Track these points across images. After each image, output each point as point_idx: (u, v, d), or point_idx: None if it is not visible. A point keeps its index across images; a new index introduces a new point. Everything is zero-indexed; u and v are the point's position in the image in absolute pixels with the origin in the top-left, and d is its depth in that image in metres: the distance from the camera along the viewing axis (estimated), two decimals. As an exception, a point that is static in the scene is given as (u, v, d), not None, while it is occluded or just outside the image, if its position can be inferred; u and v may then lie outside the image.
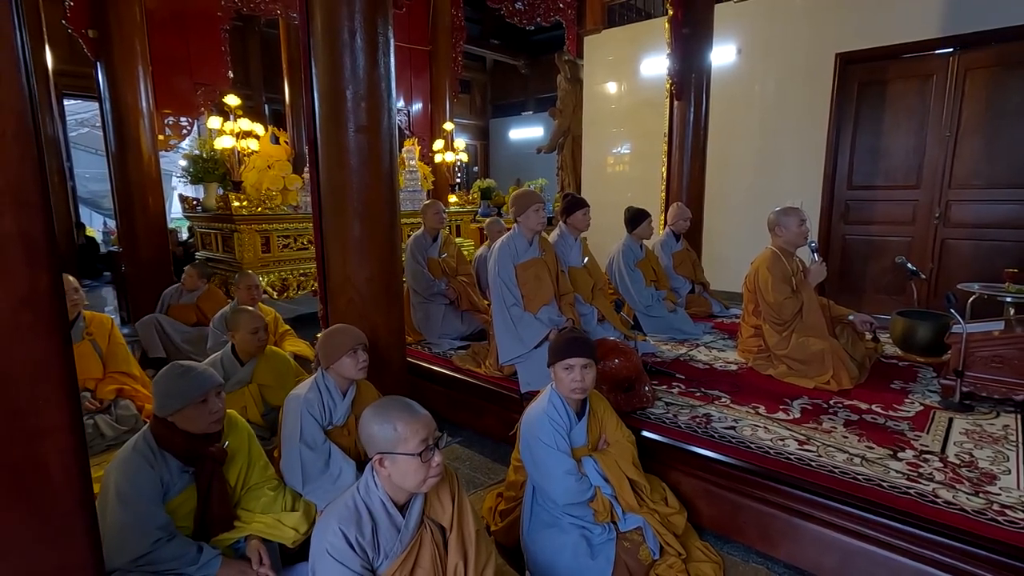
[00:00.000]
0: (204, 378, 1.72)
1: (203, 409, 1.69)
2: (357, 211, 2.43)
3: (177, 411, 1.68)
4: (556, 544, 1.83)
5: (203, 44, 5.50)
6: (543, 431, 1.86)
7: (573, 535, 1.83)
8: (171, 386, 1.69)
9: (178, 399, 1.67)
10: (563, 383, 1.88)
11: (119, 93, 4.64)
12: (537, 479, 1.90)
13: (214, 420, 1.72)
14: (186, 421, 1.69)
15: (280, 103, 8.32)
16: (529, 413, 1.96)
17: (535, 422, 1.90)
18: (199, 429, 1.70)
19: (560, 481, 1.82)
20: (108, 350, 2.85)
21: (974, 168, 4.96)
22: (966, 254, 5.09)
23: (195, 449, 1.71)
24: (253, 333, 2.55)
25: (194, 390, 1.68)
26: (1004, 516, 1.69)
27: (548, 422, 1.87)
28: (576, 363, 1.85)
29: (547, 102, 10.67)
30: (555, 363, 1.89)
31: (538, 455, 1.86)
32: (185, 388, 1.68)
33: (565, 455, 1.85)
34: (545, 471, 1.85)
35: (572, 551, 1.80)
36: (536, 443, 1.86)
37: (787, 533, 1.95)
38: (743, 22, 5.99)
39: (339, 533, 1.33)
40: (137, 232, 4.89)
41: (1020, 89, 4.69)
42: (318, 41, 2.39)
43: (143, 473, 1.63)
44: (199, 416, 1.69)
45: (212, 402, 1.71)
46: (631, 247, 4.04)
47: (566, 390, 1.89)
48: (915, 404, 2.57)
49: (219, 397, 1.75)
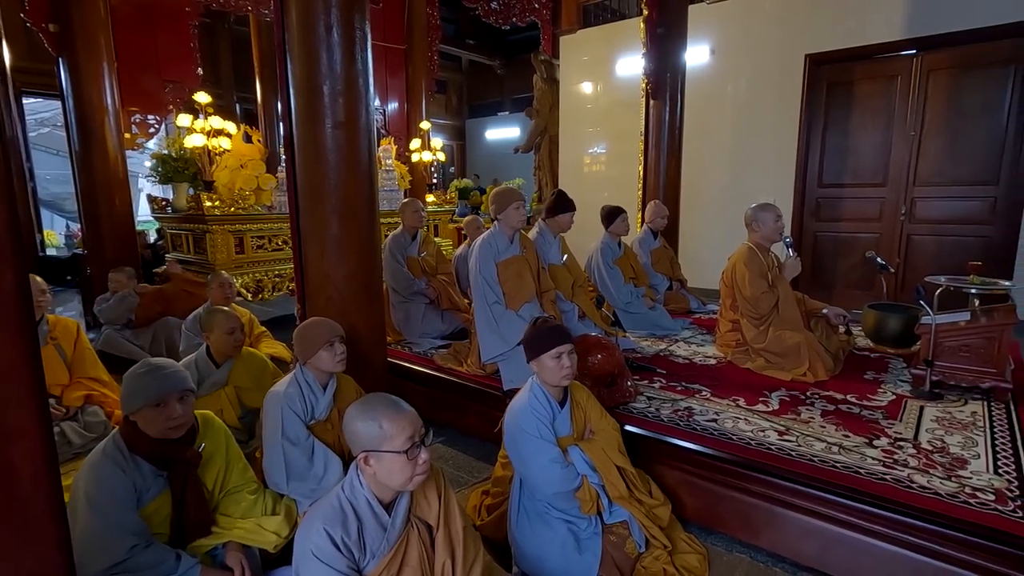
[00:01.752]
0: (167, 380, 1.62)
1: (159, 413, 1.59)
2: (335, 208, 2.39)
3: (137, 410, 1.59)
4: (543, 538, 1.83)
5: (171, 41, 5.36)
6: (527, 422, 1.86)
7: (560, 530, 1.83)
8: (132, 383, 1.61)
9: (137, 398, 1.59)
10: (552, 372, 1.88)
11: (83, 90, 4.48)
12: (523, 471, 1.90)
13: (171, 427, 1.61)
14: (145, 423, 1.60)
15: (252, 102, 8.15)
16: (512, 407, 1.95)
17: (519, 414, 1.89)
18: (156, 433, 1.61)
19: (546, 470, 1.82)
20: (75, 355, 2.75)
21: (937, 166, 5.14)
22: (931, 249, 5.26)
23: (166, 452, 1.63)
24: (229, 334, 2.49)
25: (151, 391, 1.59)
26: (975, 499, 1.75)
27: (532, 413, 1.87)
28: (563, 350, 1.87)
29: (524, 102, 10.69)
30: (540, 355, 1.88)
31: (523, 446, 1.85)
32: (144, 387, 1.59)
33: (550, 444, 1.85)
34: (531, 461, 1.85)
35: (560, 545, 1.80)
36: (521, 434, 1.86)
37: (769, 522, 1.98)
38: (716, 23, 6.09)
39: (324, 533, 1.30)
40: (103, 235, 4.73)
41: (979, 90, 4.88)
42: (293, 36, 2.34)
43: (114, 478, 1.55)
44: (155, 419, 1.59)
45: (171, 407, 1.61)
46: (609, 245, 4.07)
47: (555, 378, 1.89)
48: (888, 394, 2.64)
49: (182, 403, 1.64)
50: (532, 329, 1.95)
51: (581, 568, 1.78)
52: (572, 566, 1.79)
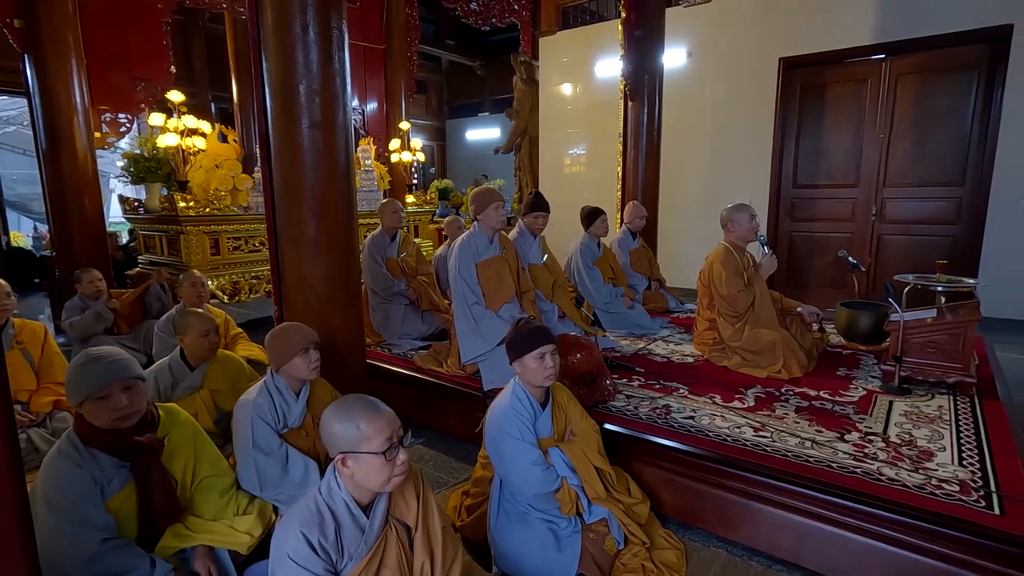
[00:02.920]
0: (108, 369, 1.54)
1: (103, 405, 1.53)
2: (312, 209, 2.37)
3: (80, 403, 1.53)
4: (523, 538, 1.84)
5: (143, 38, 5.24)
6: (509, 424, 1.86)
7: (540, 529, 1.84)
8: (72, 375, 1.54)
9: (80, 390, 1.52)
10: (534, 372, 1.88)
11: (50, 88, 4.37)
12: (504, 473, 1.90)
13: (117, 418, 1.54)
14: (91, 415, 1.54)
15: (228, 101, 8.02)
16: (494, 408, 1.95)
17: (500, 416, 1.89)
18: (104, 424, 1.55)
19: (527, 472, 1.82)
20: (42, 360, 2.68)
21: (906, 168, 5.29)
22: (900, 248, 5.41)
23: (122, 441, 1.57)
24: (203, 336, 2.44)
25: (91, 382, 1.52)
26: (941, 489, 1.80)
27: (513, 415, 1.87)
28: (546, 350, 1.87)
29: (504, 103, 10.71)
30: (523, 355, 1.88)
31: (504, 448, 1.85)
32: (83, 379, 1.52)
33: (531, 446, 1.85)
34: (512, 463, 1.85)
35: (539, 545, 1.81)
36: (502, 436, 1.86)
37: (745, 517, 2.02)
38: (693, 26, 6.18)
39: (300, 537, 1.29)
40: (72, 236, 4.61)
41: (945, 94, 5.03)
42: (268, 34, 2.32)
43: (70, 474, 1.51)
44: (99, 411, 1.53)
45: (115, 398, 1.53)
46: (589, 245, 4.10)
47: (538, 379, 1.89)
48: (859, 389, 2.71)
49: (128, 392, 1.56)
50: (514, 330, 1.95)
51: (561, 566, 1.79)
52: (552, 564, 1.79)
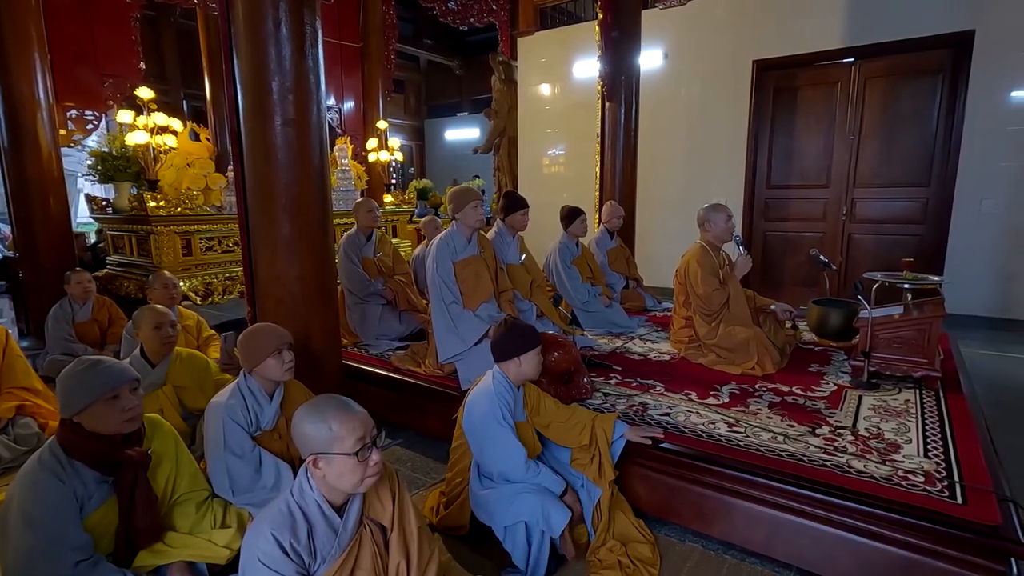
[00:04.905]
0: (116, 372, 1.57)
1: (114, 406, 1.53)
2: (286, 208, 2.34)
3: (84, 408, 1.51)
4: (511, 492, 1.90)
5: (110, 33, 5.10)
6: (493, 409, 1.95)
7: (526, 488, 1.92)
8: (78, 380, 1.52)
9: (85, 394, 1.50)
10: (524, 371, 1.99)
11: (11, 83, 4.22)
12: (489, 459, 1.97)
13: (127, 419, 1.56)
14: (95, 420, 1.52)
15: (200, 98, 7.85)
16: (476, 399, 2.01)
17: (485, 402, 1.96)
18: (110, 429, 1.53)
19: (512, 460, 1.92)
20: (3, 364, 2.60)
21: (874, 169, 5.43)
22: (869, 247, 5.55)
23: (111, 454, 1.55)
24: (156, 328, 2.36)
25: (103, 383, 1.52)
26: (907, 480, 1.85)
27: (498, 398, 1.96)
28: (538, 350, 2.00)
29: (482, 103, 10.69)
30: (516, 356, 1.98)
31: (493, 437, 1.94)
32: (93, 381, 1.52)
33: (514, 436, 1.94)
34: (501, 451, 1.94)
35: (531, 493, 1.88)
36: (491, 424, 1.94)
37: (720, 511, 2.04)
38: (669, 28, 6.25)
39: (272, 539, 1.26)
40: (37, 236, 4.46)
41: (911, 97, 5.18)
42: (240, 30, 2.28)
43: (52, 489, 1.46)
44: (109, 414, 1.52)
45: (126, 398, 1.55)
46: (567, 245, 4.12)
47: (528, 375, 2.02)
48: (830, 384, 2.77)
49: (135, 394, 1.60)
50: (503, 330, 2.03)
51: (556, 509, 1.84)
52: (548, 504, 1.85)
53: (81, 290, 3.69)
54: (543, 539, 1.82)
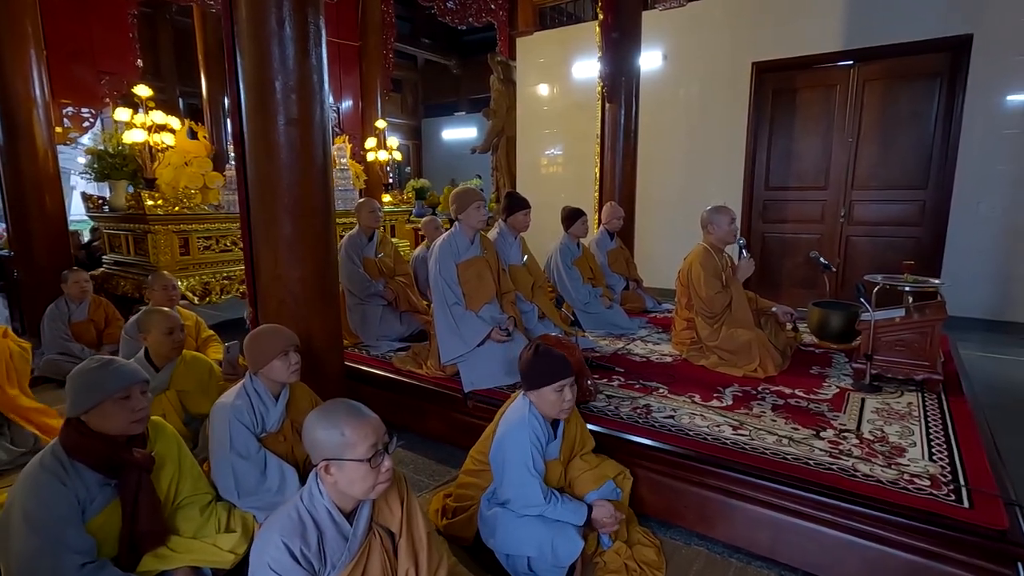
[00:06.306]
0: (128, 372, 1.58)
1: (124, 406, 1.53)
2: (288, 208, 2.32)
3: (94, 407, 1.50)
4: (521, 530, 1.78)
5: (107, 30, 5.06)
6: (523, 446, 1.78)
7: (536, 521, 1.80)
8: (89, 378, 1.52)
9: (97, 392, 1.50)
10: (552, 405, 1.80)
11: (7, 80, 4.17)
12: (508, 491, 1.83)
13: (136, 419, 1.56)
14: (102, 419, 1.51)
15: (197, 97, 7.79)
16: (509, 432, 1.84)
17: (518, 448, 1.80)
18: (117, 429, 1.53)
19: (530, 499, 1.78)
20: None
21: (872, 171, 5.45)
22: (867, 249, 5.57)
23: (116, 456, 1.53)
24: (168, 334, 2.36)
25: (115, 382, 1.53)
26: (913, 484, 1.86)
27: (531, 448, 1.78)
28: (566, 383, 1.79)
29: (480, 102, 10.67)
30: (543, 386, 1.78)
31: (519, 481, 1.78)
32: (106, 379, 1.52)
33: (539, 481, 1.78)
34: (518, 494, 1.79)
35: (539, 536, 1.75)
36: (520, 469, 1.78)
37: (724, 514, 2.04)
38: (668, 29, 6.25)
39: (282, 546, 1.25)
40: (32, 234, 4.42)
41: (909, 99, 5.21)
42: (243, 30, 2.26)
43: (54, 491, 1.44)
44: (118, 413, 1.52)
45: (136, 399, 1.56)
46: (568, 246, 4.11)
47: (554, 412, 1.82)
48: (832, 387, 2.77)
49: (144, 396, 1.60)
50: (533, 357, 1.81)
51: (565, 548, 1.72)
52: (557, 543, 1.72)
53: (78, 290, 3.66)
54: (550, 570, 1.73)
